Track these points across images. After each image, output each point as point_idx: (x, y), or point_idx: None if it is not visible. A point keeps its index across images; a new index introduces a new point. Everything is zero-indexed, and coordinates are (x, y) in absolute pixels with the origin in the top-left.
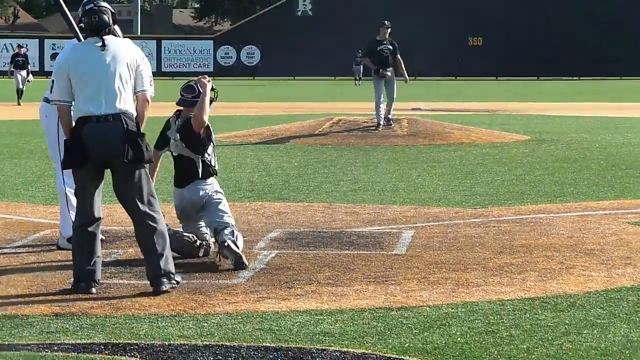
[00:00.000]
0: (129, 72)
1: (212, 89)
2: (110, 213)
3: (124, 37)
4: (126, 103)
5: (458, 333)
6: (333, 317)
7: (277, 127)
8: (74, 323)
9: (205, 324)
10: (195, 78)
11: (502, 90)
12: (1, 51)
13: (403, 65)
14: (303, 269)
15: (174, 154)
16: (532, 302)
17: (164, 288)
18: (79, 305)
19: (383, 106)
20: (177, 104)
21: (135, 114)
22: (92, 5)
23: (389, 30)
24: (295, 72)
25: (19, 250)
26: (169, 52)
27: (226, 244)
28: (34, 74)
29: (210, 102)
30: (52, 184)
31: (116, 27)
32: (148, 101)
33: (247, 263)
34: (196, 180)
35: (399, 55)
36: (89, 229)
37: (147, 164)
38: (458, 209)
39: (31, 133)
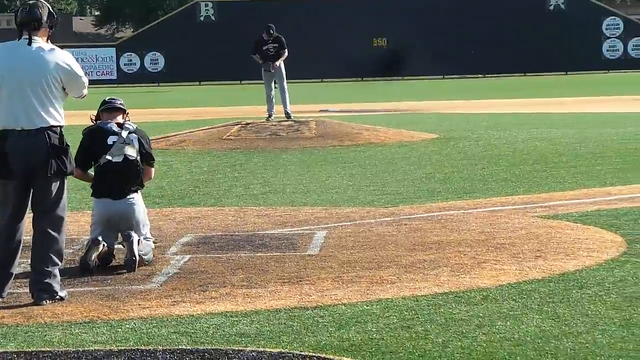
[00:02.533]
0: (56, 80)
1: None
2: None
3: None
4: (50, 115)
5: (374, 329)
6: (248, 318)
7: (185, 132)
8: None
9: (120, 330)
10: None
11: (409, 90)
12: None
13: (284, 58)
14: (217, 272)
15: (114, 160)
16: (445, 296)
17: (43, 303)
18: None
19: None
20: (104, 111)
21: (61, 124)
22: None
23: (271, 32)
24: (201, 78)
25: None
26: None
27: (132, 239)
28: None
29: None
30: None
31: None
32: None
33: (135, 268)
34: (134, 194)
35: (285, 50)
36: (8, 244)
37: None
38: (369, 209)
39: None
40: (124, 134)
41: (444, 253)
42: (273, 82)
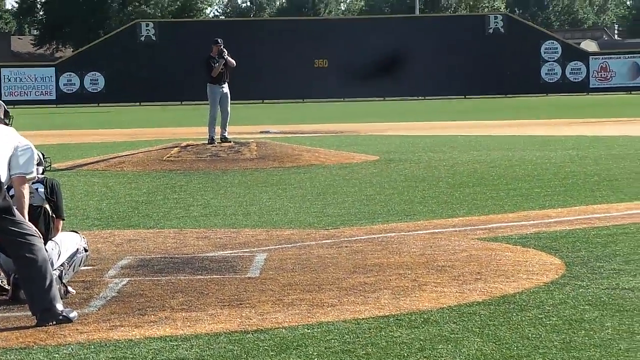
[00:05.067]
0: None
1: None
2: None
3: None
4: None
5: (315, 353)
6: (188, 342)
7: (124, 154)
8: None
9: (57, 355)
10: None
11: (347, 111)
12: None
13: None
14: (156, 295)
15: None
16: (386, 319)
17: (44, 322)
18: None
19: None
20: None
21: None
22: None
23: (221, 47)
24: (141, 98)
25: None
26: (9, 80)
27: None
28: None
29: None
30: None
31: None
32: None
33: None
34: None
35: (231, 59)
36: None
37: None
38: (310, 231)
39: None
40: None
41: (385, 275)
42: (218, 103)
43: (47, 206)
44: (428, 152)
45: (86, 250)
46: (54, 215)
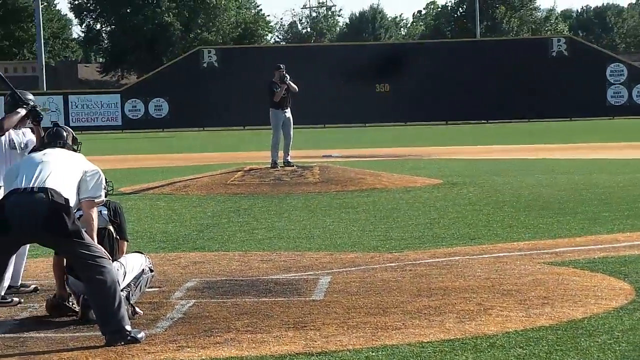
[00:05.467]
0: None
1: None
2: (25, 267)
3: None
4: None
5: None
6: None
7: (189, 177)
8: None
9: None
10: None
11: (411, 136)
12: None
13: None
14: (221, 317)
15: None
16: (452, 343)
17: (113, 342)
18: None
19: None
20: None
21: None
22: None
23: (283, 72)
24: (204, 123)
25: None
26: (76, 106)
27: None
28: None
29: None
30: None
31: None
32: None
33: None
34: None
35: (293, 84)
36: None
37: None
38: (374, 254)
39: None
40: None
41: (449, 299)
42: (281, 128)
43: (111, 228)
44: (492, 175)
45: (152, 271)
46: (117, 237)
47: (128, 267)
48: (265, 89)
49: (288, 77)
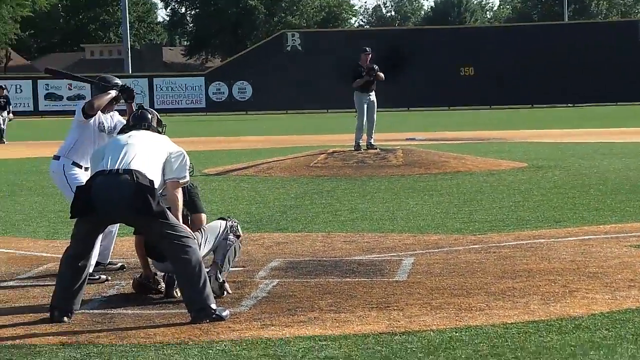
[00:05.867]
0: None
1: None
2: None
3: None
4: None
5: (463, 356)
6: (337, 342)
7: (272, 160)
8: (81, 352)
9: (210, 351)
10: None
11: (495, 119)
12: None
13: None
14: (305, 296)
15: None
16: (536, 325)
17: (198, 320)
18: (85, 335)
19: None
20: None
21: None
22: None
23: (369, 56)
24: (287, 106)
25: (24, 283)
26: (161, 89)
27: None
28: (28, 114)
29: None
30: (54, 219)
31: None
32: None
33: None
34: None
35: (380, 74)
36: (79, 263)
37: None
38: (457, 236)
39: (29, 171)
40: None
41: (534, 281)
42: (365, 111)
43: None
44: (578, 159)
45: (238, 237)
46: (188, 213)
47: (203, 239)
48: (350, 72)
49: (377, 68)
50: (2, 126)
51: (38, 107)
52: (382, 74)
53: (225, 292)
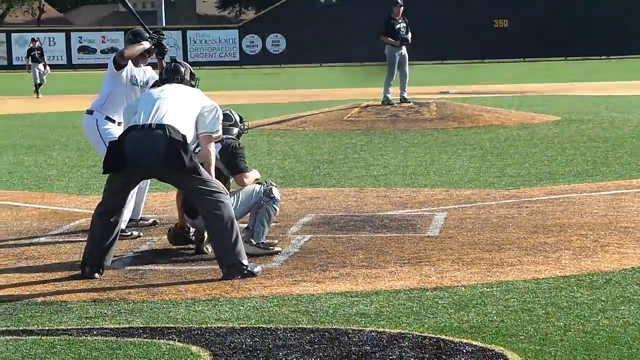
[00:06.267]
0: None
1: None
2: (144, 201)
3: (150, 28)
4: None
5: (494, 312)
6: (368, 298)
7: (305, 114)
8: (112, 308)
9: (242, 307)
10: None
11: (529, 72)
12: (30, 45)
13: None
14: (337, 252)
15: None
16: (567, 280)
17: (229, 276)
18: (116, 291)
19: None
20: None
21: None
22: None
23: (402, 9)
24: (322, 60)
25: (56, 239)
26: (195, 42)
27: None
28: (61, 67)
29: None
30: (86, 174)
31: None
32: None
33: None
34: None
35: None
36: (110, 219)
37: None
38: (490, 191)
39: (62, 126)
40: None
41: (566, 236)
42: (397, 65)
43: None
44: (612, 112)
45: (272, 198)
46: (226, 175)
47: (236, 201)
48: (383, 25)
49: (409, 39)
50: (37, 80)
51: (71, 60)
52: (403, 50)
53: (273, 252)
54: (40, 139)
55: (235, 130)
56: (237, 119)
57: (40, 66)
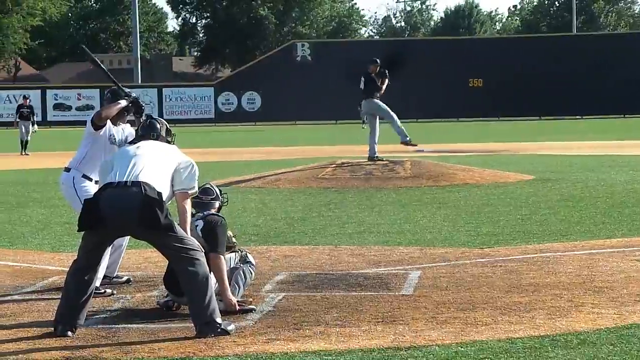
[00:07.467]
0: None
1: None
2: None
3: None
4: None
5: None
6: (342, 357)
7: (280, 171)
8: None
9: None
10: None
11: (503, 131)
12: (4, 102)
13: (386, 84)
14: (311, 310)
15: None
16: (541, 340)
17: (203, 334)
18: (89, 349)
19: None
20: (193, 205)
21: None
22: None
23: (378, 67)
24: (297, 117)
25: (28, 297)
26: (170, 99)
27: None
28: (37, 124)
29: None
30: (60, 231)
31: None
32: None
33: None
34: None
35: (387, 80)
36: (85, 276)
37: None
38: (464, 249)
39: (37, 182)
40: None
41: (540, 295)
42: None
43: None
44: (585, 171)
45: (248, 262)
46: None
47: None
48: (361, 79)
49: (387, 73)
50: (25, 138)
51: (46, 117)
52: (384, 85)
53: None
54: (13, 195)
55: (217, 204)
56: (217, 192)
57: (28, 124)
